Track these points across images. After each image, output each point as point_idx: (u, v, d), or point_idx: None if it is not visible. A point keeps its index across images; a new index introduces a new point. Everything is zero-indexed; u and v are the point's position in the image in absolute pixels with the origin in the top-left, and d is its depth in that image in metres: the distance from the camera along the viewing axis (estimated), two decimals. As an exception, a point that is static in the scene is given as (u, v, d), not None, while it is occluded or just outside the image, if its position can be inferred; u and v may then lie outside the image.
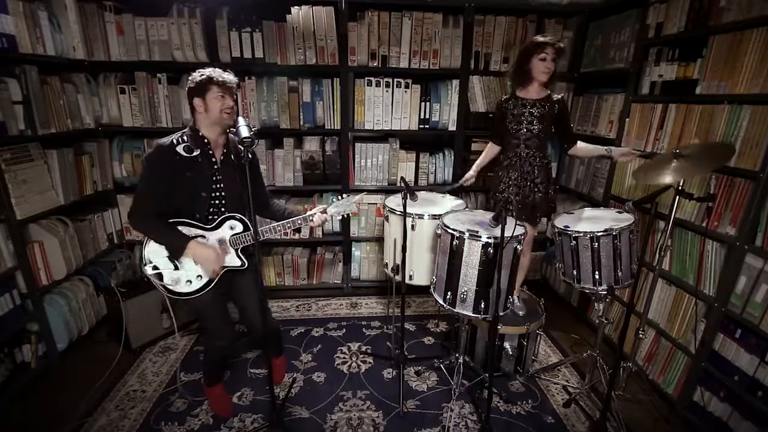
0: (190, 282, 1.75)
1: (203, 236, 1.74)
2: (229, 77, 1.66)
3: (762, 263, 1.68)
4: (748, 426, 1.72)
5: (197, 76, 1.63)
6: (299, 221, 1.85)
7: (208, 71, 1.64)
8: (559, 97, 2.20)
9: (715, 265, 1.89)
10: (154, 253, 1.73)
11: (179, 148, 1.65)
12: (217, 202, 1.75)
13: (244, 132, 1.52)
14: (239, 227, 1.78)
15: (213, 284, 1.77)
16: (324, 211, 1.87)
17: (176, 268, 1.74)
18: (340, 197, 1.91)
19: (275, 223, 1.84)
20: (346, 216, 1.94)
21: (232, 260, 1.80)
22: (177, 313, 2.63)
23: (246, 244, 1.79)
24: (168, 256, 1.73)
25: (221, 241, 1.77)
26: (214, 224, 1.75)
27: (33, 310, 2.18)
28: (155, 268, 1.73)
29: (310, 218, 1.85)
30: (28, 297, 2.16)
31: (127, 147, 2.84)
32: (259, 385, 2.20)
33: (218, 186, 1.74)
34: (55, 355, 2.31)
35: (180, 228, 1.70)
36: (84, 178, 2.59)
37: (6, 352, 2.10)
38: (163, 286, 1.75)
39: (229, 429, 1.94)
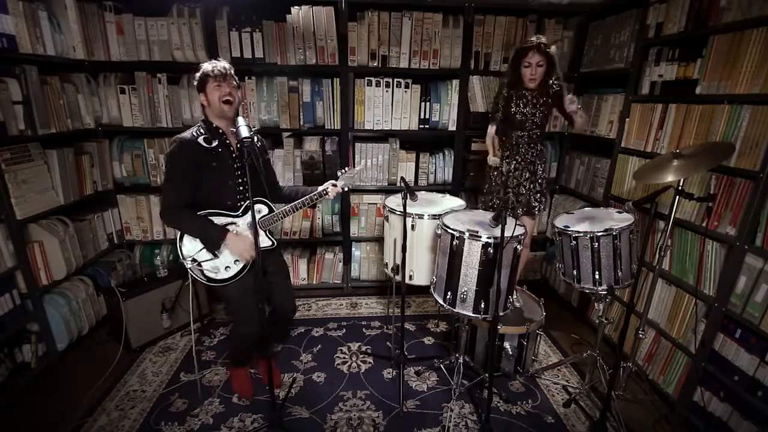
0: (229, 267, 1.84)
1: (234, 223, 1.84)
2: (220, 65, 1.72)
3: (762, 263, 1.68)
4: (748, 426, 1.72)
5: (196, 74, 1.73)
6: (315, 197, 1.91)
7: (203, 66, 1.72)
8: (555, 81, 2.23)
9: (715, 265, 1.89)
10: (190, 247, 1.81)
11: (200, 140, 1.73)
12: (242, 188, 1.84)
13: (244, 132, 1.55)
14: (265, 210, 1.89)
15: (249, 266, 1.85)
16: (335, 185, 1.93)
17: (215, 256, 1.81)
18: (344, 170, 1.97)
19: (295, 202, 1.90)
20: (351, 188, 2.01)
21: (264, 241, 1.90)
22: (178, 314, 2.64)
23: (273, 224, 1.90)
24: (203, 248, 1.80)
25: (251, 226, 1.81)
26: (241, 210, 1.84)
27: (33, 310, 2.18)
28: (194, 260, 1.80)
29: (325, 192, 1.90)
30: (28, 297, 2.16)
31: (127, 147, 2.84)
32: (259, 385, 2.20)
33: (241, 173, 1.83)
34: (55, 355, 2.31)
35: (212, 219, 1.79)
36: (84, 178, 2.59)
37: (6, 352, 2.10)
38: (205, 277, 1.82)
39: (229, 429, 1.94)
